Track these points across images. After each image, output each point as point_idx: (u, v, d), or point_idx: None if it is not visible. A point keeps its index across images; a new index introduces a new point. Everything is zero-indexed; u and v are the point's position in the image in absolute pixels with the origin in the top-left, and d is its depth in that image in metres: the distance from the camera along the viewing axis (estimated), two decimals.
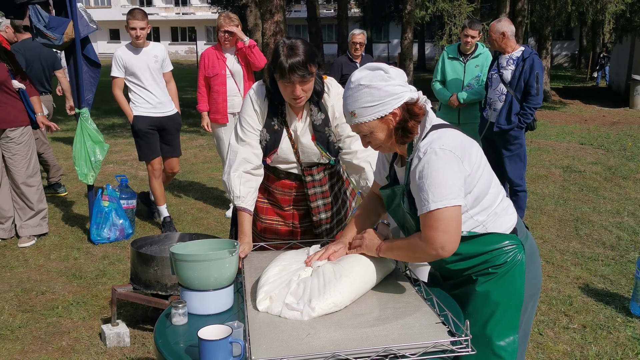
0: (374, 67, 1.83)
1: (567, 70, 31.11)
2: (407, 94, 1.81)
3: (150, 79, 4.95)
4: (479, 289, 1.92)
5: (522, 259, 1.90)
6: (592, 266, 4.46)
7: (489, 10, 19.58)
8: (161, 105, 5.04)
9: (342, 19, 17.71)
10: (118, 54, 4.91)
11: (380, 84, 1.78)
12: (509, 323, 1.90)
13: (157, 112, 5.03)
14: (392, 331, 1.67)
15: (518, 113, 4.78)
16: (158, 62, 4.98)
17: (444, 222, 1.73)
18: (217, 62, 5.23)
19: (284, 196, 2.67)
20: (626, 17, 14.95)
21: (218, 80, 5.23)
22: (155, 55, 4.97)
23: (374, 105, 1.79)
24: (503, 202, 1.94)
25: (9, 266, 4.49)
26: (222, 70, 5.22)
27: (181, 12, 44.15)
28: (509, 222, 1.92)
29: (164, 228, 5.15)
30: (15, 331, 3.49)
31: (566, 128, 11.54)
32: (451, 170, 1.74)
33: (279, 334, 1.66)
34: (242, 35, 5.12)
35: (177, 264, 1.90)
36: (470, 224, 1.87)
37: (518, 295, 1.90)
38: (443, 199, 1.72)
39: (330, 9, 33.08)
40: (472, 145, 1.84)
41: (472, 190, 1.82)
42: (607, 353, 3.22)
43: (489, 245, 1.88)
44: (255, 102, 2.46)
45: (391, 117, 1.81)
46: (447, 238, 1.74)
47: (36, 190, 4.96)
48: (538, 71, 4.69)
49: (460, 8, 12.89)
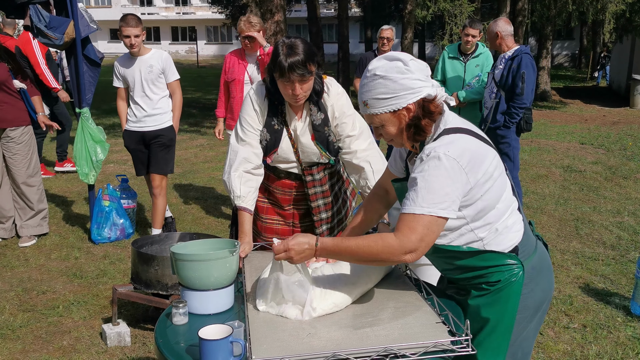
0: (392, 58, 1.74)
1: (568, 69, 31.11)
2: (425, 89, 1.72)
3: (139, 91, 4.57)
4: (470, 302, 1.84)
5: (519, 280, 1.79)
6: (592, 266, 4.46)
7: (490, 10, 19.58)
8: (147, 119, 4.63)
9: (343, 18, 17.69)
10: (116, 63, 4.64)
11: (396, 76, 1.70)
12: (495, 343, 1.80)
13: (140, 127, 4.65)
14: (392, 331, 1.67)
15: (504, 112, 4.78)
16: (153, 73, 4.54)
17: (424, 230, 1.64)
18: (237, 67, 4.97)
19: (284, 196, 2.67)
20: (626, 16, 14.94)
21: (236, 85, 4.98)
22: (151, 65, 4.53)
23: (388, 98, 1.72)
24: (510, 218, 1.81)
25: (9, 266, 4.50)
26: (241, 76, 4.95)
27: (181, 11, 44.12)
28: (510, 241, 1.80)
29: (165, 228, 5.04)
30: (16, 330, 3.49)
31: (566, 128, 11.54)
32: (449, 180, 1.64)
33: (280, 334, 1.66)
34: (262, 41, 4.82)
35: (178, 263, 1.90)
36: (469, 237, 1.78)
37: (509, 317, 1.79)
38: (433, 206, 1.63)
39: (331, 9, 33.05)
40: (485, 157, 1.72)
41: (474, 202, 1.72)
42: (607, 353, 3.23)
43: (486, 262, 1.79)
44: (255, 102, 2.47)
45: (404, 112, 1.74)
46: (421, 246, 1.65)
47: (36, 190, 4.96)
48: (524, 70, 4.67)
49: (461, 8, 12.88)
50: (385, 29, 6.23)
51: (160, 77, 4.59)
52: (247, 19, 4.80)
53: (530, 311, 1.85)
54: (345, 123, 2.48)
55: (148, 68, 4.53)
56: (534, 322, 1.90)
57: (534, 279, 1.83)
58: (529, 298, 1.83)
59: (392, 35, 6.22)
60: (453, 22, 12.85)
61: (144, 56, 4.56)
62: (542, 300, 1.88)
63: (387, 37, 6.17)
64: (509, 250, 1.80)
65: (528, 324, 1.87)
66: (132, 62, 4.55)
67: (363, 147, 2.49)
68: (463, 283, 1.89)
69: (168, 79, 4.66)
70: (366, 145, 2.49)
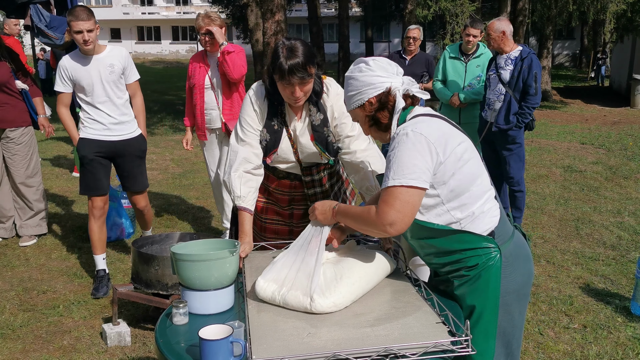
0: (357, 61, 1.97)
1: (569, 69, 31.10)
2: (386, 84, 1.89)
3: (103, 95, 3.89)
4: (456, 292, 1.93)
5: (497, 263, 1.86)
6: (592, 266, 4.46)
7: (491, 9, 19.57)
8: (117, 126, 3.97)
9: (343, 18, 17.71)
10: (63, 64, 3.87)
11: (358, 74, 1.92)
12: (484, 328, 1.88)
13: (110, 135, 3.95)
14: (392, 331, 1.67)
15: (516, 113, 4.78)
16: (115, 73, 3.91)
17: (399, 201, 1.75)
18: (198, 71, 4.54)
19: (283, 196, 2.67)
20: (627, 16, 14.94)
21: (197, 91, 4.55)
22: (111, 64, 3.89)
23: (354, 95, 1.94)
24: (486, 204, 1.90)
25: (10, 265, 4.50)
26: (202, 81, 4.52)
27: (182, 11, 44.15)
28: (487, 225, 1.88)
29: (97, 282, 4.03)
30: (16, 330, 3.50)
31: (567, 127, 11.54)
32: (416, 152, 1.76)
33: (280, 334, 1.67)
34: (220, 37, 4.32)
35: (178, 263, 1.90)
36: (447, 218, 1.86)
37: (492, 301, 1.88)
38: (403, 178, 1.75)
39: (331, 9, 33.05)
40: (455, 139, 1.84)
41: (447, 181, 1.81)
42: (607, 353, 3.23)
43: (463, 244, 1.86)
44: (255, 103, 2.47)
45: (368, 106, 1.93)
46: (398, 217, 1.75)
47: (35, 191, 4.96)
48: (536, 71, 4.68)
49: (462, 7, 12.88)
50: (412, 29, 6.17)
51: (121, 77, 3.97)
52: (206, 14, 4.42)
53: (512, 296, 1.93)
54: (344, 123, 2.48)
55: (108, 68, 3.90)
56: (518, 307, 1.97)
57: (512, 264, 1.91)
58: (508, 282, 1.90)
59: (419, 34, 6.13)
60: (454, 22, 12.86)
61: (101, 55, 3.90)
62: (523, 284, 1.96)
63: (414, 37, 6.09)
64: (486, 234, 1.88)
65: (512, 308, 1.94)
66: (87, 61, 3.86)
67: (362, 147, 2.49)
68: (444, 271, 1.95)
69: (128, 79, 4.04)
70: (365, 146, 2.49)
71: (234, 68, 4.31)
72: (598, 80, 21.99)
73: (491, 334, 1.89)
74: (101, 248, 4.09)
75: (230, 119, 4.56)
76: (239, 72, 4.36)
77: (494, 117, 4.91)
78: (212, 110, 4.57)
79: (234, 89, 4.53)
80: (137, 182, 4.17)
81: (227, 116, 4.56)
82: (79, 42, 3.75)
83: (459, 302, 1.93)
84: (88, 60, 3.86)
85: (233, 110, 4.57)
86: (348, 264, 1.93)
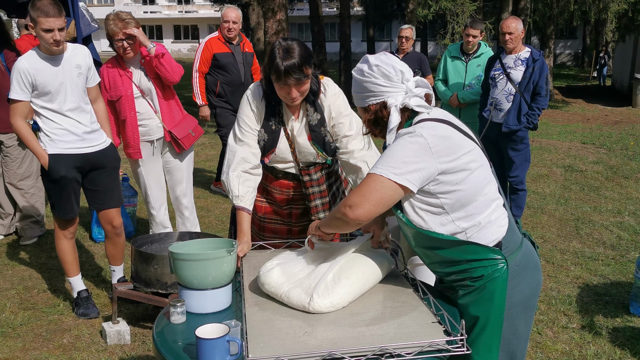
0: (363, 60, 1.91)
1: (570, 69, 31.06)
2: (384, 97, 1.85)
3: (71, 102, 3.36)
4: (460, 301, 1.87)
5: (503, 275, 1.80)
6: (592, 266, 4.46)
7: (492, 9, 19.55)
8: (91, 135, 3.46)
9: (345, 17, 17.67)
10: (22, 67, 3.22)
11: (359, 77, 1.89)
12: (487, 341, 1.82)
13: (84, 147, 3.42)
14: (388, 330, 1.68)
15: (526, 114, 4.79)
16: (82, 75, 3.40)
17: (368, 188, 1.73)
18: (119, 80, 3.96)
19: (282, 195, 2.68)
20: (629, 16, 14.92)
21: (125, 103, 3.97)
22: (78, 65, 3.38)
23: (355, 94, 1.94)
24: (493, 213, 1.83)
25: (10, 264, 4.51)
26: (129, 90, 3.96)
27: (184, 10, 44.19)
28: (494, 235, 1.81)
29: (77, 307, 3.68)
30: (16, 328, 3.51)
31: (568, 127, 11.53)
32: (411, 152, 1.71)
33: (276, 333, 1.68)
34: (145, 40, 3.85)
35: (176, 263, 1.91)
36: (452, 228, 1.79)
37: (497, 313, 1.81)
38: (385, 168, 1.72)
39: (333, 8, 33.02)
40: (461, 147, 1.76)
41: (450, 191, 1.75)
42: (605, 353, 3.23)
43: (469, 255, 1.79)
44: (252, 103, 2.48)
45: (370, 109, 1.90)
46: (360, 201, 1.73)
47: (24, 194, 4.90)
48: (548, 73, 4.75)
49: (462, 6, 12.86)
50: (404, 29, 6.26)
51: (86, 80, 3.47)
52: (117, 17, 3.80)
53: (518, 308, 1.85)
54: (342, 123, 2.49)
55: (76, 70, 3.38)
56: (524, 319, 1.90)
57: (519, 275, 1.84)
58: (514, 294, 1.83)
59: (412, 34, 6.23)
60: (455, 21, 12.84)
61: (67, 54, 3.37)
62: (529, 295, 1.88)
63: (406, 36, 6.19)
64: (493, 245, 1.81)
65: (517, 320, 1.87)
66: (55, 63, 3.30)
67: (360, 147, 2.50)
68: (449, 280, 1.90)
69: (90, 82, 3.50)
70: (363, 145, 2.50)
71: (172, 70, 3.94)
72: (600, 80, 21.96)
73: (495, 346, 1.83)
74: (78, 268, 3.71)
75: (173, 126, 4.13)
76: (179, 73, 4.01)
77: (500, 117, 4.88)
78: (148, 120, 4.08)
79: (169, 93, 4.13)
80: (114, 196, 3.63)
81: (170, 124, 4.12)
82: (48, 41, 3.16)
83: (462, 311, 1.87)
84: (57, 62, 3.30)
85: (173, 116, 4.15)
86: (347, 266, 1.93)
